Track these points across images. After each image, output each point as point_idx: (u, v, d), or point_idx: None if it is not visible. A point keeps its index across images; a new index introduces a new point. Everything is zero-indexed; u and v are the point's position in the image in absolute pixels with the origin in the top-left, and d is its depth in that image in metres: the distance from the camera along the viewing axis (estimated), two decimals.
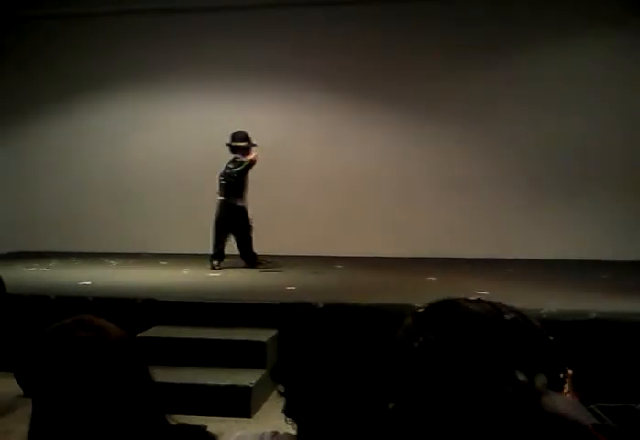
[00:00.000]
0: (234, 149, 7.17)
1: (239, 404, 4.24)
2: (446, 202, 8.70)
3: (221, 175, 7.15)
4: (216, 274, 6.94)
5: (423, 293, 5.42)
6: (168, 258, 8.28)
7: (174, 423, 1.37)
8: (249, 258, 7.36)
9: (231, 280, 6.59)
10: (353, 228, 8.36)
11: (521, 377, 0.74)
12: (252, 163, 7.09)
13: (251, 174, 7.21)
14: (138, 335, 4.67)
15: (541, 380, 0.75)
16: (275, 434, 1.23)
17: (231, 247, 7.39)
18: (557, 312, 4.53)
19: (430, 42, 8.71)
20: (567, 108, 8.42)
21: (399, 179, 8.74)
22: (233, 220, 7.14)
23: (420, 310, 0.86)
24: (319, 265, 7.54)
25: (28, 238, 9.26)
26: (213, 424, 1.52)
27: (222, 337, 4.74)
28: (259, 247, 8.78)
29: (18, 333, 4.37)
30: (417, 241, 8.50)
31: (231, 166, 7.12)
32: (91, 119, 9.56)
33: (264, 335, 4.73)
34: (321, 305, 4.85)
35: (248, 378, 4.37)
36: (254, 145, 7.19)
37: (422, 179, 8.78)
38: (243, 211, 7.15)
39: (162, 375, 1.87)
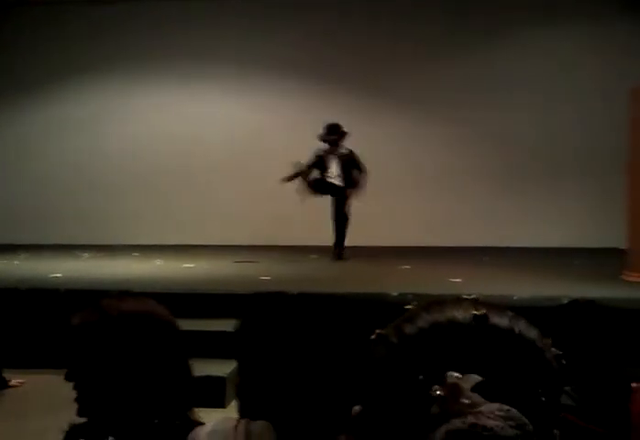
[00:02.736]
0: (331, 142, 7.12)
1: (214, 395, 4.22)
2: (426, 191, 8.74)
3: None
4: (190, 265, 6.88)
5: (396, 282, 5.45)
6: (140, 249, 8.20)
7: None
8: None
9: (204, 270, 6.55)
10: (328, 219, 8.33)
11: (450, 377, 0.62)
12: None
13: (224, 165, 7.07)
14: None
15: (470, 381, 0.61)
16: (249, 422, 1.22)
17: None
18: (529, 298, 4.57)
19: (414, 32, 8.74)
20: (550, 96, 8.49)
21: (375, 168, 8.72)
22: None
23: (409, 307, 0.76)
24: (295, 255, 7.52)
25: None
26: None
27: (195, 328, 4.70)
28: (232, 239, 8.73)
29: None
30: (392, 230, 8.51)
31: None
32: (67, 109, 9.40)
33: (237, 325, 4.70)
34: (295, 293, 4.84)
35: (222, 368, 4.36)
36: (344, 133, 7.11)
37: (399, 168, 8.77)
38: None
39: None
